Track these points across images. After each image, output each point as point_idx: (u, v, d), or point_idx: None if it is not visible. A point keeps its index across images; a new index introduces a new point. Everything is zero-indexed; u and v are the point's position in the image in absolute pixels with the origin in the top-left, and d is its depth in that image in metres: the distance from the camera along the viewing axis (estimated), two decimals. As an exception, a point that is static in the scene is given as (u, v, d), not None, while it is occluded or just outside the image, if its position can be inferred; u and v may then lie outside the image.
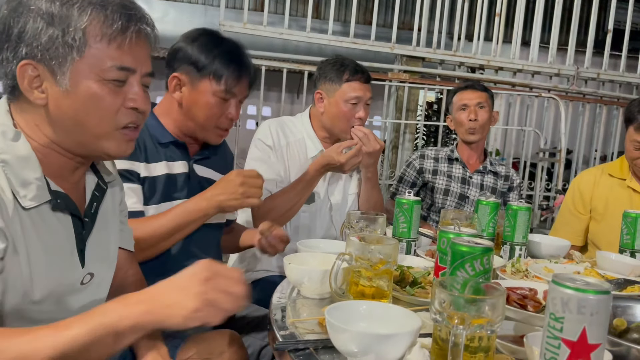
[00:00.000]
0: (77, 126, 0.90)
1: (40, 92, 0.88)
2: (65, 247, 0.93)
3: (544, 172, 4.72)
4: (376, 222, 1.48)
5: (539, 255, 1.70)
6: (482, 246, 0.95)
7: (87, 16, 0.86)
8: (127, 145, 0.96)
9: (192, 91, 1.49)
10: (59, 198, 0.91)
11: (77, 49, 0.86)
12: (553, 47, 4.80)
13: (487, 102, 2.52)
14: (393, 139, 4.54)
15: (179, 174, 1.51)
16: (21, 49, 0.86)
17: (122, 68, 0.90)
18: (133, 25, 0.90)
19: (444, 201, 2.53)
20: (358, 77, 2.00)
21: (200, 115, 1.50)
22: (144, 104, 0.94)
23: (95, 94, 0.89)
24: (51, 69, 0.87)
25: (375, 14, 4.40)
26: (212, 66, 1.47)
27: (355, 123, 2.00)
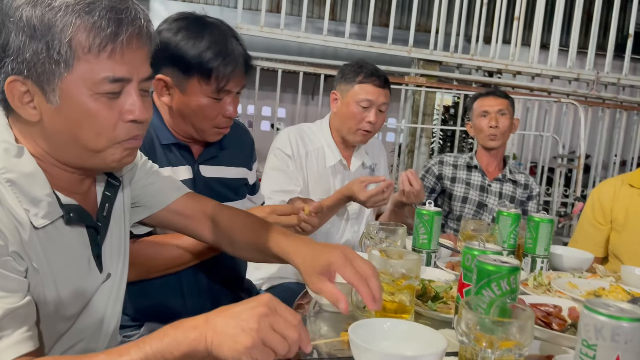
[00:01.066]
0: (73, 142, 0.84)
1: (32, 108, 0.82)
2: (82, 256, 0.93)
3: (561, 177, 4.66)
4: (396, 233, 1.47)
5: (560, 267, 1.67)
6: (509, 265, 0.93)
7: (71, 27, 0.78)
8: (129, 156, 0.90)
9: (182, 94, 1.35)
10: (72, 211, 0.88)
11: (64, 63, 0.79)
12: (573, 51, 4.74)
13: (508, 109, 2.49)
14: (409, 143, 4.51)
15: (184, 180, 1.40)
16: (7, 64, 0.79)
17: (116, 80, 0.82)
18: (124, 31, 0.81)
19: (462, 209, 2.51)
20: (372, 80, 1.97)
21: (193, 118, 1.37)
22: (143, 114, 0.86)
23: (89, 110, 0.82)
24: (40, 85, 0.80)
25: (393, 16, 4.37)
26: (198, 65, 1.30)
27: (365, 127, 1.98)
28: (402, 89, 4.38)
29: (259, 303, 0.74)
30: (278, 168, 1.94)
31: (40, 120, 0.83)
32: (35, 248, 0.82)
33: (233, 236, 1.18)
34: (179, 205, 1.19)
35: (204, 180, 1.47)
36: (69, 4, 0.78)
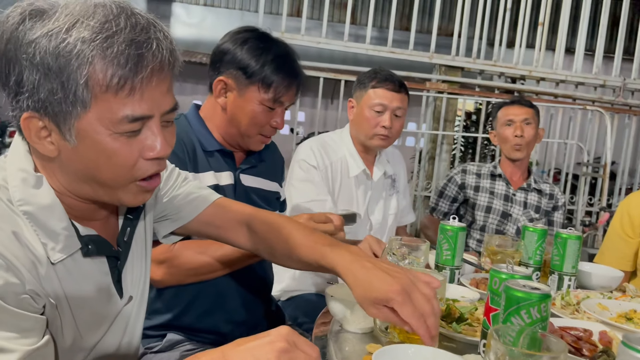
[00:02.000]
0: (89, 179, 0.80)
1: (50, 144, 0.78)
2: (102, 284, 0.90)
3: (586, 185, 4.56)
4: (419, 250, 1.43)
5: (589, 286, 1.62)
6: (540, 292, 0.89)
7: (87, 65, 0.72)
8: (144, 196, 0.86)
9: (239, 97, 1.43)
10: (90, 243, 0.85)
11: (80, 103, 0.73)
12: (598, 56, 4.64)
13: (534, 119, 2.45)
14: (430, 150, 4.46)
15: (226, 186, 1.46)
16: (22, 99, 0.74)
17: (136, 119, 0.77)
18: (144, 67, 0.75)
19: (485, 219, 2.46)
20: (385, 84, 1.95)
21: (244, 122, 1.44)
22: (165, 150, 0.81)
23: (107, 150, 0.77)
24: (56, 123, 0.75)
25: (414, 20, 4.33)
26: (261, 73, 1.39)
27: (381, 132, 1.95)
28: (423, 95, 4.34)
29: (278, 337, 0.70)
30: (305, 179, 1.92)
31: (57, 155, 0.79)
32: (52, 283, 0.80)
33: (273, 245, 1.10)
34: (207, 216, 1.14)
35: (244, 188, 1.51)
36: (85, 39, 0.72)
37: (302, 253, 1.03)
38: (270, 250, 1.12)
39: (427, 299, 0.86)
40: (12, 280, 0.73)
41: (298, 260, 1.06)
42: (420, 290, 0.86)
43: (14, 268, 0.74)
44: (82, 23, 0.72)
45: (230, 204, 1.18)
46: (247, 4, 9.31)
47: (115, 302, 0.93)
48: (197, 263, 1.34)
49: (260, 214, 1.15)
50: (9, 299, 0.72)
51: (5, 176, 0.80)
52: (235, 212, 1.15)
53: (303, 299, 2.01)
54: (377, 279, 0.87)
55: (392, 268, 0.90)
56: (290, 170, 1.98)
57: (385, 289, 0.85)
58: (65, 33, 0.72)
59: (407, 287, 0.85)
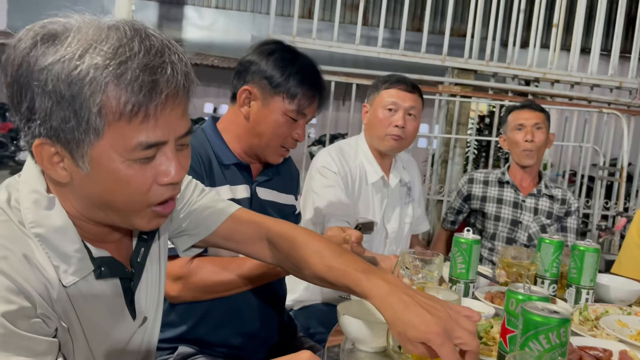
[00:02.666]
0: (104, 205, 0.80)
1: (62, 169, 0.77)
2: (115, 306, 0.89)
3: (602, 189, 4.49)
4: (432, 263, 1.40)
5: (607, 299, 1.58)
6: (559, 317, 0.86)
7: (100, 93, 0.70)
8: (159, 221, 0.85)
9: (263, 107, 1.43)
10: (103, 265, 0.84)
11: (93, 131, 0.72)
12: (614, 57, 4.56)
13: (545, 124, 2.41)
14: (442, 153, 4.42)
15: (242, 199, 1.46)
16: (34, 126, 0.73)
17: (150, 146, 0.75)
18: (159, 93, 0.73)
19: (495, 228, 2.42)
20: (397, 85, 1.95)
21: (267, 132, 1.44)
22: (179, 175, 0.79)
23: (121, 177, 0.75)
24: (69, 150, 0.74)
25: (427, 22, 4.29)
26: (287, 84, 1.41)
27: (394, 132, 1.92)
28: (435, 98, 4.30)
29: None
30: (328, 185, 1.90)
31: (70, 181, 0.78)
32: (64, 306, 0.79)
33: (298, 263, 1.05)
34: (225, 230, 1.11)
35: (260, 201, 1.51)
36: (98, 65, 0.70)
37: (335, 276, 0.98)
38: (296, 267, 1.08)
39: (470, 335, 0.82)
40: (24, 304, 0.72)
41: (329, 283, 1.01)
42: (462, 326, 0.82)
43: (25, 292, 0.73)
44: (94, 48, 0.71)
45: (249, 216, 1.13)
46: (259, 6, 9.31)
47: (129, 323, 0.92)
48: (215, 281, 1.33)
49: (280, 229, 1.10)
50: (21, 323, 0.71)
51: (17, 197, 0.79)
52: (255, 226, 1.11)
53: (315, 308, 1.99)
54: (417, 316, 0.82)
55: (431, 304, 0.85)
56: (309, 179, 1.96)
57: (425, 329, 0.81)
58: (77, 59, 0.70)
59: (447, 327, 0.81)
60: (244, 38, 8.46)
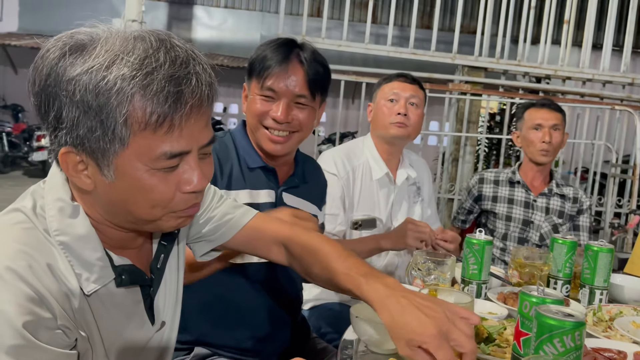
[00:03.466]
0: (128, 213, 0.81)
1: (87, 177, 0.78)
2: (135, 312, 0.89)
3: (615, 186, 4.45)
4: (444, 264, 1.40)
5: (621, 299, 1.57)
6: (574, 320, 0.86)
7: (127, 103, 0.71)
8: (185, 221, 0.86)
9: (249, 96, 1.46)
10: (124, 273, 0.85)
11: (119, 140, 0.73)
12: (627, 53, 4.52)
13: (562, 124, 2.38)
14: (453, 152, 4.41)
15: (263, 204, 1.44)
16: (61, 135, 0.74)
17: (174, 155, 0.76)
18: (184, 104, 0.74)
19: (506, 228, 2.41)
20: (397, 78, 2.02)
21: (249, 117, 1.45)
22: (202, 184, 0.80)
23: (145, 186, 0.77)
24: (94, 159, 0.75)
25: (436, 20, 4.27)
26: (253, 66, 1.42)
27: (396, 119, 1.94)
28: (446, 97, 4.28)
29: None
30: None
31: (94, 189, 0.79)
32: (85, 315, 0.79)
33: (308, 267, 1.07)
34: (243, 237, 1.12)
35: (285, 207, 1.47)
36: (125, 76, 0.71)
37: (338, 279, 0.99)
38: (306, 271, 1.09)
39: (466, 338, 0.81)
40: (45, 315, 0.73)
41: (334, 286, 1.02)
42: (459, 328, 0.82)
43: (47, 302, 0.73)
44: (122, 59, 0.72)
45: (266, 223, 1.14)
46: (268, 5, 9.32)
47: (147, 329, 0.92)
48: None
49: (297, 236, 1.11)
50: (41, 334, 0.72)
51: (43, 205, 0.80)
52: (272, 233, 1.12)
53: (326, 308, 2.00)
54: (413, 319, 0.82)
55: (428, 305, 0.84)
56: None
57: (422, 332, 0.80)
58: (105, 70, 0.71)
59: (444, 329, 0.81)
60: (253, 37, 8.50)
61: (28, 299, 0.71)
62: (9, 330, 0.68)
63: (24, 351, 0.69)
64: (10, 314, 0.69)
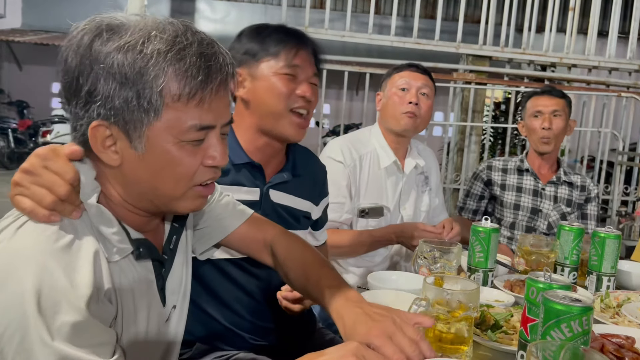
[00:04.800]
0: (151, 189, 0.83)
1: (114, 153, 0.81)
2: (150, 291, 0.91)
3: (622, 174, 4.42)
4: (450, 253, 1.40)
5: (629, 286, 1.56)
6: (581, 305, 0.85)
7: (163, 75, 0.76)
8: (201, 201, 0.89)
9: (254, 80, 1.36)
10: (141, 246, 0.87)
11: (153, 111, 0.78)
12: (633, 40, 4.47)
13: (564, 110, 2.35)
14: (458, 141, 4.39)
15: (248, 202, 1.34)
16: (92, 108, 0.77)
17: (202, 127, 0.81)
18: (213, 79, 0.80)
19: (514, 216, 2.39)
20: (408, 68, 2.01)
21: (268, 101, 1.35)
22: (223, 160, 0.85)
23: (174, 158, 0.81)
24: (125, 131, 0.79)
25: (440, 9, 4.24)
26: (265, 47, 1.35)
27: (408, 109, 1.94)
28: (450, 86, 4.26)
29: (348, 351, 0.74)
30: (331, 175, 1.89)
31: (120, 164, 0.81)
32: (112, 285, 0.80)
33: (287, 272, 1.12)
34: (239, 235, 1.17)
35: (271, 204, 1.43)
36: (160, 50, 0.77)
37: (309, 287, 1.05)
38: (286, 276, 1.14)
39: (411, 342, 0.84)
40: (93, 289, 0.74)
41: (307, 293, 1.08)
42: (404, 333, 0.85)
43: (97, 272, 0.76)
44: (155, 36, 0.77)
45: (258, 225, 1.19)
46: (270, -3, 9.29)
47: (159, 310, 0.94)
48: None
49: (283, 239, 1.16)
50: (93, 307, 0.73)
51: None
52: (263, 234, 1.17)
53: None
54: (361, 323, 0.88)
55: (378, 312, 0.89)
56: None
57: (366, 332, 0.85)
58: (141, 45, 0.76)
59: (387, 330, 0.84)
60: (256, 30, 8.46)
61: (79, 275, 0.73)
62: (67, 306, 0.70)
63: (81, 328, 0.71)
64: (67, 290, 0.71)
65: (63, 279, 0.71)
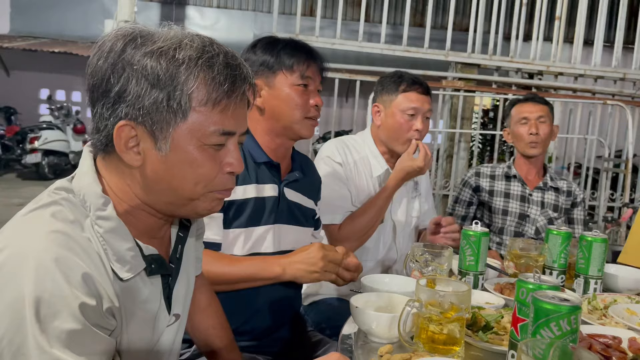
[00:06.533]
0: (170, 190, 0.85)
1: (137, 154, 0.83)
2: (156, 302, 0.91)
3: (608, 180, 4.49)
4: (442, 256, 1.42)
5: (615, 288, 1.60)
6: (569, 304, 0.88)
7: (194, 80, 0.81)
8: (218, 205, 0.91)
9: (270, 90, 1.50)
10: (153, 262, 0.88)
11: (181, 113, 0.81)
12: (618, 49, 4.56)
13: (549, 116, 2.41)
14: (447, 148, 4.43)
15: (267, 197, 1.50)
16: (120, 108, 0.80)
17: (224, 132, 0.85)
18: (238, 88, 0.85)
19: (503, 222, 2.43)
20: (415, 88, 1.96)
21: (286, 109, 1.49)
22: (240, 166, 0.89)
23: (195, 161, 0.84)
24: (151, 132, 0.81)
25: (429, 17, 4.29)
26: (280, 60, 1.48)
27: (414, 136, 1.95)
28: (439, 94, 4.31)
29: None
30: (331, 174, 1.93)
31: (141, 165, 0.84)
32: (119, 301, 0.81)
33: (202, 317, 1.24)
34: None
35: (287, 201, 1.55)
36: (192, 57, 0.81)
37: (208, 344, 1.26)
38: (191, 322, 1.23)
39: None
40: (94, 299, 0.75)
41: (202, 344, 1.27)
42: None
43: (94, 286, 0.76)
44: (186, 44, 0.82)
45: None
46: (260, 5, 9.32)
47: (165, 319, 0.94)
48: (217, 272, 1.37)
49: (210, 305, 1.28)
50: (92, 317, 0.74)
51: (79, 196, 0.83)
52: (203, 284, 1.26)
53: (325, 303, 2.01)
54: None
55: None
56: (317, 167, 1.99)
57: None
58: (173, 51, 0.81)
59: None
60: (246, 37, 8.49)
61: (79, 284, 0.74)
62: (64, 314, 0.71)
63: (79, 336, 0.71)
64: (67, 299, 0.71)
65: (65, 287, 0.72)
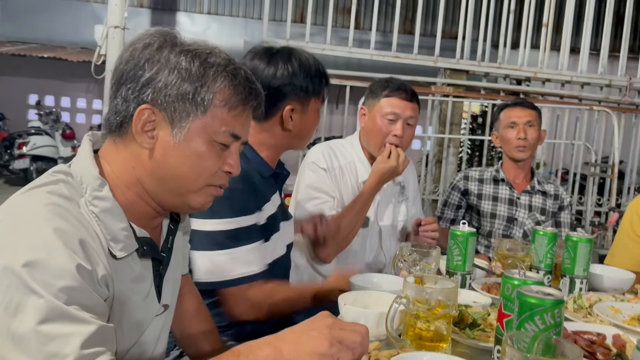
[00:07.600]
0: (173, 177, 0.92)
1: (150, 138, 0.90)
2: (146, 288, 0.95)
3: (594, 185, 4.54)
4: (430, 256, 1.44)
5: (600, 288, 1.62)
6: (553, 298, 0.90)
7: (220, 81, 0.90)
8: (210, 200, 0.98)
9: (304, 114, 1.54)
10: (145, 244, 0.93)
11: (203, 107, 0.90)
12: (604, 56, 4.63)
13: (536, 121, 2.44)
14: (436, 153, 4.47)
15: (277, 207, 1.55)
16: (147, 94, 0.88)
17: (233, 135, 0.94)
18: (252, 99, 0.95)
19: (491, 225, 2.45)
20: (399, 94, 1.93)
21: (309, 132, 1.60)
22: (237, 170, 0.97)
23: (203, 153, 0.91)
24: (171, 119, 0.89)
25: (418, 24, 4.34)
26: (314, 87, 1.54)
27: (391, 141, 1.93)
28: (428, 99, 4.34)
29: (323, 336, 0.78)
30: (316, 181, 1.93)
31: (150, 149, 0.90)
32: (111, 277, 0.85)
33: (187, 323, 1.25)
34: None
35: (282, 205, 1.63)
36: (220, 63, 0.91)
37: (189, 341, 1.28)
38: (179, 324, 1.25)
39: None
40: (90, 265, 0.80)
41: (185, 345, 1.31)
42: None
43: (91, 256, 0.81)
44: (217, 53, 0.93)
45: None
46: (251, 11, 9.36)
47: (154, 307, 0.98)
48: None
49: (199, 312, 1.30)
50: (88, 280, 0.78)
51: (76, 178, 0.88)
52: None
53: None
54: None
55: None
56: (301, 173, 1.99)
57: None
58: (206, 55, 0.91)
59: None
60: (237, 43, 8.50)
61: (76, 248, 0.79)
62: (62, 272, 0.75)
63: (75, 292, 0.76)
64: (64, 259, 0.76)
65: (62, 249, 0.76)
